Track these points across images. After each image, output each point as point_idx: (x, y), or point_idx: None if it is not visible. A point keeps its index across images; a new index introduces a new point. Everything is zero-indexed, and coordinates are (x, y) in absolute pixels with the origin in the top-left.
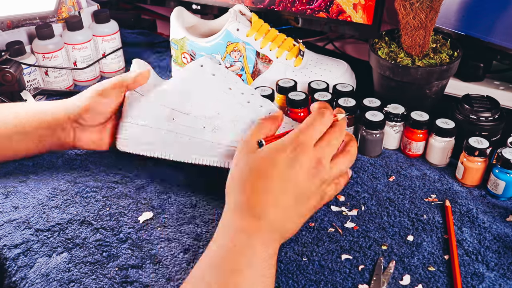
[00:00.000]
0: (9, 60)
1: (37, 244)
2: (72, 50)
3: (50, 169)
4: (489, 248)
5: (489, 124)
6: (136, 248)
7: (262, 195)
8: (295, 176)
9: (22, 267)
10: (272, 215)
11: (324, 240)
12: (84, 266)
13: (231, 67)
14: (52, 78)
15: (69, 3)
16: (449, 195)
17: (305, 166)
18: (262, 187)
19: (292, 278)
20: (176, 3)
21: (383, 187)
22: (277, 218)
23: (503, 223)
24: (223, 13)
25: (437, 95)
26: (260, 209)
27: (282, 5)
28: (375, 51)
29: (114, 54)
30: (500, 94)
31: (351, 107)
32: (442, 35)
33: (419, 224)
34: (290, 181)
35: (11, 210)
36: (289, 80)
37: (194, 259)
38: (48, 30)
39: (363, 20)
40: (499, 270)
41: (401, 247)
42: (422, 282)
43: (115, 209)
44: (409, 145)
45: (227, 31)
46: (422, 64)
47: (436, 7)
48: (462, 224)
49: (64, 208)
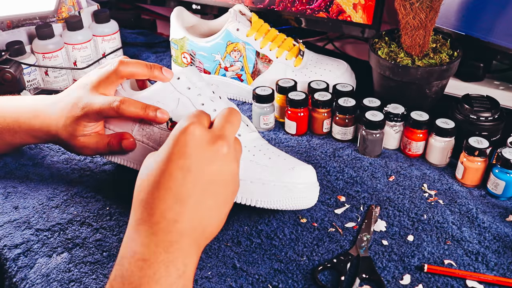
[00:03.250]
0: (9, 60)
1: (37, 244)
2: (72, 50)
3: (50, 169)
4: (489, 248)
5: (489, 124)
6: None
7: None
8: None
9: (22, 267)
10: (185, 218)
11: (324, 240)
12: (84, 266)
13: (231, 67)
14: (52, 78)
15: (69, 3)
16: (449, 195)
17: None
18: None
19: (292, 278)
20: (176, 3)
21: (383, 187)
22: (192, 220)
23: (503, 223)
24: (223, 13)
25: (437, 95)
26: (171, 214)
27: (282, 5)
28: (375, 51)
29: (114, 54)
30: (500, 94)
31: (351, 107)
32: (442, 35)
33: (419, 224)
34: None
35: (11, 210)
36: (289, 80)
37: None
38: (48, 30)
39: (363, 20)
40: (499, 270)
41: (401, 247)
42: (422, 282)
43: (115, 209)
44: (409, 145)
45: (227, 31)
46: (422, 64)
47: (436, 7)
48: (462, 224)
49: (64, 208)
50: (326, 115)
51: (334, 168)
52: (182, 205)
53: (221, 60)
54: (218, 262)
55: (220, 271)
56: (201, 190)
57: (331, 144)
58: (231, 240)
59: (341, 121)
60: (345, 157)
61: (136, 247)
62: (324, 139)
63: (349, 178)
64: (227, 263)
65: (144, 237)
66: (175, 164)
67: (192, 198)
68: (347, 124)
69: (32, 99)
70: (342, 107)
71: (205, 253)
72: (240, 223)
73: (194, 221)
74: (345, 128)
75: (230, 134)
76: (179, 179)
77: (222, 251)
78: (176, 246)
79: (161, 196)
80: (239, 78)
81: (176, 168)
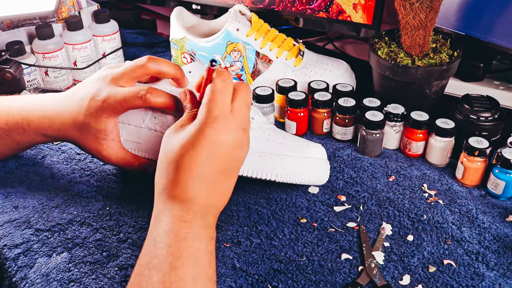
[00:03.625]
0: (9, 60)
1: (37, 244)
2: (72, 50)
3: (50, 169)
4: (489, 248)
5: (489, 124)
6: (136, 248)
7: (186, 172)
8: (222, 151)
9: (22, 267)
10: (198, 191)
11: (324, 240)
12: (84, 266)
13: (231, 67)
14: (52, 78)
15: (69, 3)
16: (449, 195)
17: (230, 138)
18: (185, 165)
19: (292, 278)
20: (176, 3)
21: (383, 187)
22: (205, 193)
23: (503, 223)
24: (223, 13)
25: (437, 95)
26: (186, 186)
27: (282, 5)
28: (375, 51)
29: (114, 54)
30: (500, 94)
31: (351, 107)
32: (442, 35)
33: (419, 224)
34: (216, 156)
35: (11, 210)
36: (289, 80)
37: None
38: (48, 30)
39: (363, 20)
40: (499, 269)
41: (401, 247)
42: (422, 282)
43: (115, 209)
44: (409, 145)
45: (227, 31)
46: (422, 64)
47: (436, 7)
48: (462, 224)
49: (64, 208)
50: (326, 115)
51: (334, 168)
52: (202, 184)
53: (221, 60)
54: (218, 262)
55: (219, 271)
56: (219, 171)
57: (331, 144)
58: (231, 240)
59: (341, 121)
60: (345, 157)
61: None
62: (324, 139)
63: (349, 178)
64: (227, 263)
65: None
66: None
67: (211, 176)
68: (347, 124)
69: (41, 96)
70: (342, 107)
71: None
72: (240, 223)
73: (212, 196)
74: (345, 128)
75: (242, 108)
76: (205, 162)
77: (222, 251)
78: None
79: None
80: (239, 78)
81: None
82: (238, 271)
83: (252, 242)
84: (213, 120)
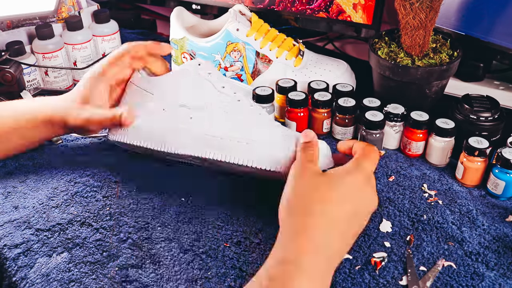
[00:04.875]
0: (9, 60)
1: (37, 244)
2: (72, 50)
3: (50, 169)
4: (488, 248)
5: (489, 124)
6: (136, 248)
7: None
8: (357, 199)
9: (22, 267)
10: (329, 242)
11: None
12: (84, 266)
13: (231, 67)
14: (52, 78)
15: (69, 3)
16: (449, 195)
17: (368, 190)
18: (320, 210)
19: None
20: (176, 3)
21: (383, 187)
22: (333, 244)
23: (503, 223)
24: (223, 13)
25: (437, 95)
26: (317, 235)
27: (282, 5)
28: (375, 51)
29: None
30: (500, 94)
31: (351, 107)
32: (442, 35)
33: (419, 224)
34: (349, 203)
35: (11, 210)
36: (289, 80)
37: (193, 259)
38: (48, 30)
39: (363, 20)
40: (499, 269)
41: (401, 247)
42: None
43: (115, 209)
44: (409, 145)
45: (227, 31)
46: (422, 64)
47: (436, 7)
48: (462, 224)
49: (64, 208)
50: (326, 115)
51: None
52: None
53: (221, 60)
54: (217, 262)
55: (219, 271)
56: (349, 223)
57: (331, 144)
58: (230, 240)
59: (341, 121)
60: None
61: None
62: (324, 139)
63: None
64: (227, 263)
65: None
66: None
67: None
68: (347, 124)
69: (47, 97)
70: (342, 107)
71: (205, 253)
72: (240, 223)
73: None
74: (345, 128)
75: (368, 167)
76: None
77: (221, 251)
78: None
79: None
80: (239, 78)
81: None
82: (238, 271)
83: (252, 242)
84: None
